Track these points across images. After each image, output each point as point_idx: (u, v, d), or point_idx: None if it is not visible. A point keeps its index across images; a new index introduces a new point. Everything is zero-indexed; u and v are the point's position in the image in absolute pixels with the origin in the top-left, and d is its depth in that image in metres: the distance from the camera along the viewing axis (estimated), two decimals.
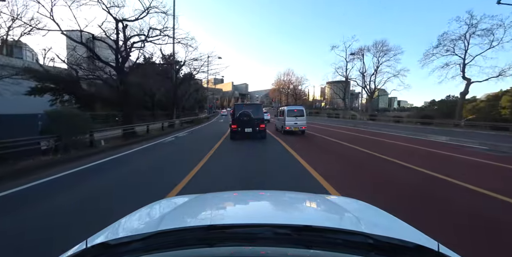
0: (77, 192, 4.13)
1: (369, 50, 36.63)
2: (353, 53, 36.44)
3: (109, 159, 6.93)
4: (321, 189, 4.12)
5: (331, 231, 0.73)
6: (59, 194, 4.01)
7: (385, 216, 1.12)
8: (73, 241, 0.88)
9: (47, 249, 2.25)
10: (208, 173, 5.23)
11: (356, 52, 36.44)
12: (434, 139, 12.06)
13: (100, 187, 4.44)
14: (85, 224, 2.72)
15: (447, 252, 0.72)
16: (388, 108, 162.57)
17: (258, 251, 0.62)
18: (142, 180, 4.78)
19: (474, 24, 22.72)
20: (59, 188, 4.36)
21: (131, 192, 4.06)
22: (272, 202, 1.40)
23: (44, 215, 3.16)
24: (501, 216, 3.14)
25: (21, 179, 4.75)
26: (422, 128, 20.63)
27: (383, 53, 36.03)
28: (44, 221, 2.98)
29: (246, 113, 10.67)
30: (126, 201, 3.59)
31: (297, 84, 70.17)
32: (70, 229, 2.72)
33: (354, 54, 36.52)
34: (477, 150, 8.63)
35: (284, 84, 73.65)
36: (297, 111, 13.36)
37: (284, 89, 74.47)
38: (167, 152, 8.29)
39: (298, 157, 6.99)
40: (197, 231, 0.74)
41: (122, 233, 0.91)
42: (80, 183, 4.68)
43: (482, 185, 4.33)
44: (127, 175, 5.29)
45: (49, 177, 4.95)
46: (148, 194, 3.91)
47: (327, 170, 5.43)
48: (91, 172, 5.57)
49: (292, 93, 71.32)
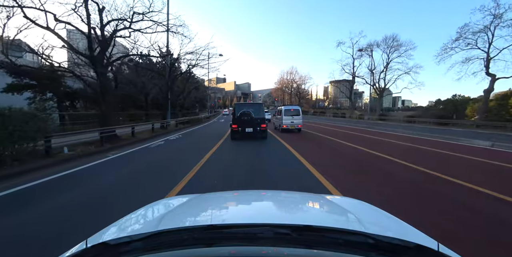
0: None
1: (378, 46, 34.10)
2: (361, 49, 34.00)
3: (58, 176, 4.93)
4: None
5: (331, 231, 0.72)
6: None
7: (385, 216, 1.10)
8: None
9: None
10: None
11: (365, 48, 34.16)
12: (470, 143, 10.00)
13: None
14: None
15: (447, 251, 0.71)
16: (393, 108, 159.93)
17: (258, 251, 0.61)
18: (70, 224, 2.76)
19: (500, 14, 20.39)
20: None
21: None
22: (272, 202, 1.39)
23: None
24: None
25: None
26: (441, 129, 18.59)
27: (394, 48, 33.49)
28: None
29: (247, 112, 10.32)
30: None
31: (301, 83, 67.85)
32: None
33: (362, 50, 34.07)
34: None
35: (288, 83, 71.41)
36: (293, 110, 13.97)
37: (287, 88, 72.21)
38: (141, 165, 6.23)
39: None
40: (196, 231, 0.72)
41: (122, 233, 0.90)
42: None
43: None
44: (63, 210, 3.27)
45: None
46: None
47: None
48: (11, 202, 3.59)
49: (295, 92, 69.04)
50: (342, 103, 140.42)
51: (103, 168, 5.89)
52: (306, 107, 77.70)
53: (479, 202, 3.57)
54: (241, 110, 10.55)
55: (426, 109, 40.85)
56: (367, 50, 33.99)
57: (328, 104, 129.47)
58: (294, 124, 13.40)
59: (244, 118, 10.32)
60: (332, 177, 4.70)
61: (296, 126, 13.43)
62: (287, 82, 72.00)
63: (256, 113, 10.51)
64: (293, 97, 73.64)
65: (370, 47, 33.88)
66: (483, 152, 8.06)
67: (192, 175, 4.92)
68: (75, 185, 4.49)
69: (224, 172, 5.37)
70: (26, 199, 3.75)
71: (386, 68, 34.15)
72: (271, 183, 4.48)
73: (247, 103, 13.85)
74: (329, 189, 4.00)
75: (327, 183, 4.33)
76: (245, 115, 10.34)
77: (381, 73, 34.91)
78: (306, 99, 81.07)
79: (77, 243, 0.81)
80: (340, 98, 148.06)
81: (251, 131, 10.35)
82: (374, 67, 34.75)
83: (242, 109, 10.70)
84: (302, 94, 72.36)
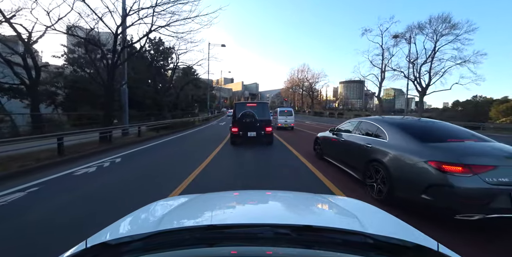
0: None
1: (422, 29, 26.35)
2: (396, 35, 26.08)
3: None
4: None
5: (331, 231, 0.71)
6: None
7: (385, 216, 1.08)
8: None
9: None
10: None
11: (402, 34, 26.53)
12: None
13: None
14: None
15: (447, 251, 0.71)
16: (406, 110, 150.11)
17: (259, 251, 0.60)
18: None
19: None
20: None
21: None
22: (273, 202, 1.37)
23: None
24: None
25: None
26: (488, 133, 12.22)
27: (447, 30, 24.91)
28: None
29: (249, 113, 8.33)
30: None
31: (313, 81, 60.12)
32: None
33: (398, 37, 26.16)
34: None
35: (299, 81, 63.77)
36: (287, 112, 15.59)
37: (299, 87, 64.54)
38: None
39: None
40: (197, 231, 0.72)
41: (122, 233, 0.89)
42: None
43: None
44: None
45: None
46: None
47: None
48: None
49: (308, 91, 61.35)
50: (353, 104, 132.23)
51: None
52: (317, 107, 70.01)
53: None
54: (243, 111, 8.56)
55: (442, 111, 38.44)
56: (404, 36, 26.36)
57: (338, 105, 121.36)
58: (287, 123, 14.96)
59: (246, 120, 8.37)
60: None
61: (289, 124, 14.99)
62: (298, 81, 64.47)
63: (260, 114, 8.54)
64: (305, 97, 66.19)
65: (411, 31, 26.15)
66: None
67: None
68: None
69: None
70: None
71: (432, 58, 26.36)
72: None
73: (250, 102, 10.12)
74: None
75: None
76: (247, 116, 8.39)
77: (421, 65, 27.21)
78: (317, 100, 73.45)
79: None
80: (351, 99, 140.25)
81: (254, 136, 8.41)
82: (416, 57, 27.02)
83: (243, 109, 8.70)
84: (314, 94, 64.69)
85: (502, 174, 2.22)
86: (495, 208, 2.14)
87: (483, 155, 2.43)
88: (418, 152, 2.73)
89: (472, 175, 2.24)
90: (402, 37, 26.74)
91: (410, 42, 25.39)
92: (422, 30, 26.73)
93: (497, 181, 2.19)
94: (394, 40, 27.97)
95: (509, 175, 2.22)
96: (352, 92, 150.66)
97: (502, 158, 2.40)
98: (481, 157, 2.38)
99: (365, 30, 31.71)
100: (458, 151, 2.54)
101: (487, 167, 2.25)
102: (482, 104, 27.78)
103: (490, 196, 2.17)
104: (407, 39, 25.80)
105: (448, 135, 3.01)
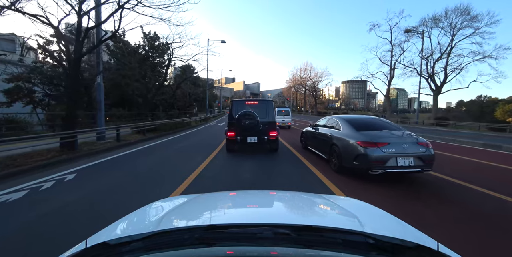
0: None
1: (437, 23, 24.22)
2: (409, 30, 23.69)
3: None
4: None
5: (331, 231, 0.70)
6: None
7: (385, 216, 1.06)
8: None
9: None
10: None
11: (414, 28, 24.37)
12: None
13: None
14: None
15: (447, 251, 0.70)
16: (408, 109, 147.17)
17: (258, 251, 0.59)
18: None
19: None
20: None
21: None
22: (272, 202, 1.32)
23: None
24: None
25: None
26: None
27: (466, 23, 22.67)
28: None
29: (250, 113, 6.49)
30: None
31: (317, 80, 57.94)
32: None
33: (410, 31, 23.93)
34: None
35: (301, 80, 61.57)
36: (284, 111, 16.46)
37: (302, 86, 62.30)
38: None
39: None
40: (196, 231, 0.70)
41: (122, 233, 0.86)
42: None
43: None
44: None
45: None
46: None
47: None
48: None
49: (311, 90, 59.11)
50: (355, 104, 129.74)
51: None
52: (320, 108, 67.79)
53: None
54: (241, 111, 6.56)
55: (446, 111, 37.62)
56: (417, 30, 24.18)
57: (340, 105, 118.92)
58: (285, 122, 16.12)
59: (246, 122, 6.48)
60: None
61: (286, 123, 16.19)
62: (300, 80, 62.34)
63: (262, 115, 6.72)
64: (307, 97, 64.11)
65: (425, 25, 23.95)
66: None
67: None
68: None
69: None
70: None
71: (448, 54, 24.11)
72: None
73: (250, 100, 7.25)
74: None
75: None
76: (247, 117, 6.48)
77: (436, 62, 25.03)
78: (319, 99, 71.24)
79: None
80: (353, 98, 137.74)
81: (255, 141, 6.65)
82: (431, 52, 24.81)
83: (242, 109, 6.72)
84: (317, 93, 62.50)
85: (392, 147, 4.01)
86: (388, 166, 3.94)
87: (383, 137, 4.19)
88: (354, 136, 4.46)
89: (377, 148, 4.01)
90: (415, 31, 24.58)
91: (423, 37, 23.24)
92: (437, 24, 24.53)
93: (389, 151, 3.97)
94: (405, 35, 25.88)
95: (395, 147, 3.99)
96: (354, 92, 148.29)
97: (393, 138, 4.15)
98: (382, 138, 4.15)
99: (373, 25, 29.76)
100: (373, 135, 4.29)
101: (384, 144, 4.04)
102: (487, 105, 27.20)
103: (385, 159, 3.94)
104: (420, 33, 23.62)
105: (374, 127, 4.72)
